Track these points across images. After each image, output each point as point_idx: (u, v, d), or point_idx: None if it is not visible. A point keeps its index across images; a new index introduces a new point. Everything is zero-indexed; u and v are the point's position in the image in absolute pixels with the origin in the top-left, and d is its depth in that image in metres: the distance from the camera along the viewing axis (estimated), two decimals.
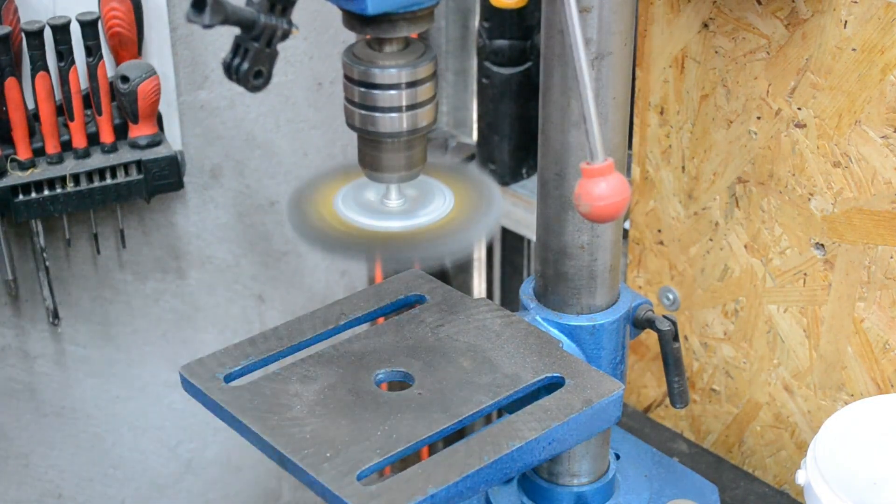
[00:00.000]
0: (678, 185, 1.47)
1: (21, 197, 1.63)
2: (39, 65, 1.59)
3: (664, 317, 1.18)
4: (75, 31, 1.60)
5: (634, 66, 1.31)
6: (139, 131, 1.68)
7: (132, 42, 1.66)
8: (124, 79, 1.63)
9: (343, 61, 0.95)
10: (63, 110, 1.64)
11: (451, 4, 1.94)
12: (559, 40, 1.04)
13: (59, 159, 1.65)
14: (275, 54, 0.87)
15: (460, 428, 1.02)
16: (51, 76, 1.61)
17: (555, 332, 1.14)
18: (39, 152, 1.64)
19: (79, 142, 1.66)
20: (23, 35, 1.58)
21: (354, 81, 0.94)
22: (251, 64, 0.86)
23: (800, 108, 1.31)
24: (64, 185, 1.65)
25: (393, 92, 0.93)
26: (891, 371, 1.33)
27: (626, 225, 1.54)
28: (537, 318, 1.15)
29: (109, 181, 1.68)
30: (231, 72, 0.87)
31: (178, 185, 1.73)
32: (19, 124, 1.60)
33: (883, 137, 1.24)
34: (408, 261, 1.22)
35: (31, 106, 1.63)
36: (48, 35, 1.58)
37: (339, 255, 0.99)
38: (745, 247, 1.42)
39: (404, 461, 1.01)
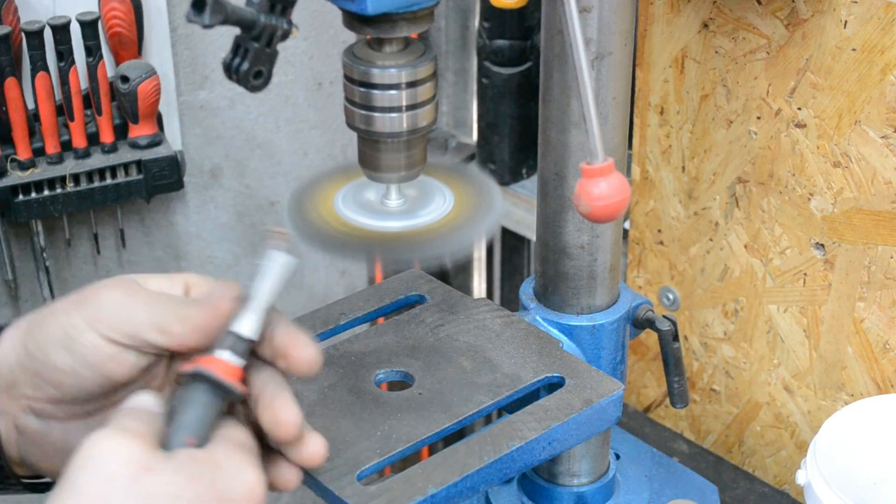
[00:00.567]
0: (678, 185, 1.47)
1: (21, 197, 1.63)
2: (39, 65, 1.59)
3: (664, 317, 1.18)
4: (75, 31, 1.60)
5: (634, 66, 1.31)
6: (139, 131, 1.69)
7: (132, 42, 1.66)
8: (124, 79, 1.63)
9: (343, 61, 0.94)
10: (63, 110, 1.64)
11: (451, 4, 1.94)
12: (559, 40, 1.04)
13: (59, 159, 1.65)
14: (275, 54, 0.87)
15: (460, 428, 1.02)
16: (51, 76, 1.61)
17: (555, 332, 1.14)
18: (39, 152, 1.64)
19: (79, 142, 1.66)
20: (23, 35, 1.58)
21: (354, 81, 0.94)
22: (251, 64, 0.86)
23: (800, 108, 1.31)
24: (64, 185, 1.65)
25: (393, 92, 0.93)
26: (891, 371, 1.33)
27: (626, 225, 1.54)
28: (537, 318, 1.15)
29: (109, 181, 1.68)
30: (231, 72, 0.87)
31: (178, 185, 1.73)
32: (19, 124, 1.61)
33: (883, 137, 1.24)
34: (408, 261, 1.22)
35: (31, 106, 1.63)
36: (48, 35, 1.58)
37: (339, 255, 0.98)
38: (745, 247, 1.42)
39: (404, 461, 1.01)
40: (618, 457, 1.29)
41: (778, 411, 1.46)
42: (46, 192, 1.64)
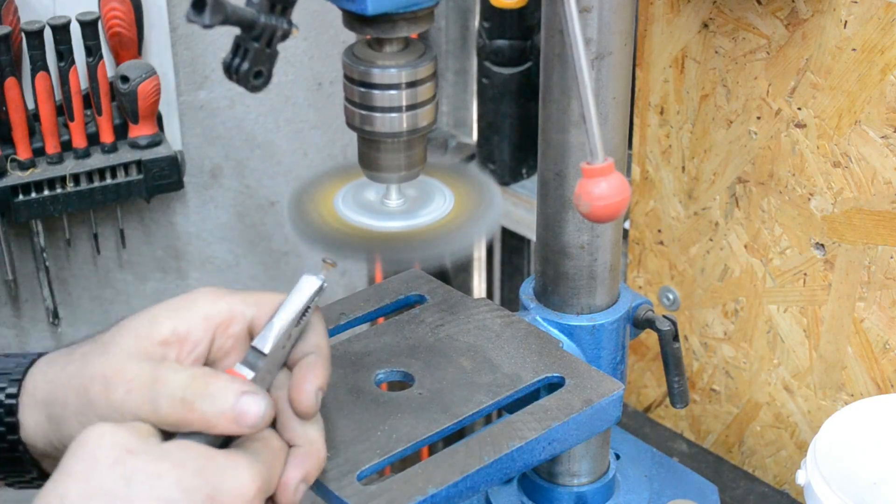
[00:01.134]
0: (678, 185, 1.47)
1: (21, 197, 1.63)
2: (39, 65, 1.59)
3: (664, 317, 1.18)
4: (75, 31, 1.60)
5: (634, 66, 1.31)
6: (139, 131, 1.69)
7: (132, 42, 1.66)
8: (124, 79, 1.63)
9: (343, 61, 0.94)
10: (63, 110, 1.64)
11: (451, 4, 1.94)
12: (559, 40, 1.04)
13: (59, 159, 1.65)
14: (275, 54, 0.87)
15: (460, 428, 1.02)
16: (51, 76, 1.61)
17: (555, 332, 1.14)
18: (39, 152, 1.64)
19: (79, 142, 1.66)
20: (23, 35, 1.58)
21: (354, 81, 0.94)
22: (251, 64, 0.86)
23: (800, 108, 1.31)
24: (64, 185, 1.65)
25: (393, 92, 0.93)
26: (891, 371, 1.33)
27: (626, 225, 1.54)
28: (537, 318, 1.15)
29: (109, 181, 1.68)
30: (231, 72, 0.87)
31: (178, 185, 1.73)
32: (19, 124, 1.61)
33: (883, 137, 1.24)
34: (408, 261, 1.22)
35: (31, 106, 1.63)
36: (48, 35, 1.58)
37: (339, 255, 0.98)
38: (745, 247, 1.42)
39: (404, 461, 1.01)
40: (618, 457, 1.29)
41: (778, 411, 1.46)
42: (46, 192, 1.64)
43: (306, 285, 0.90)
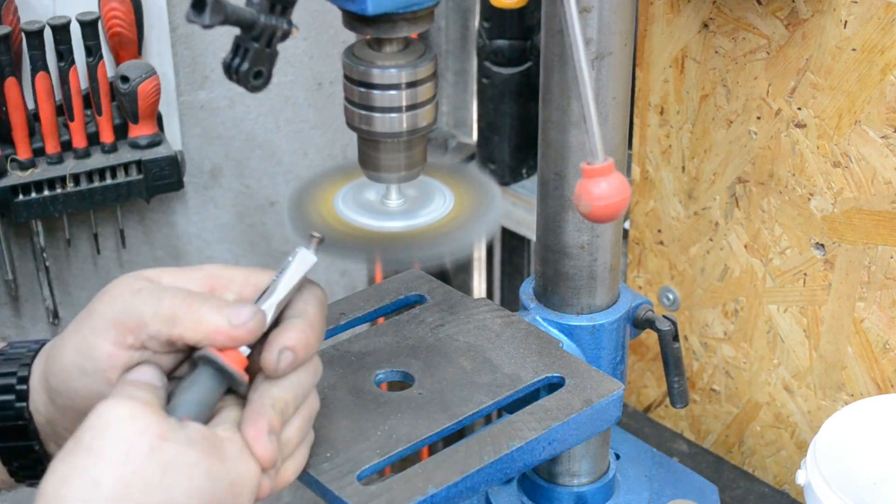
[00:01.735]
0: (678, 185, 1.47)
1: (21, 197, 1.63)
2: (39, 65, 1.59)
3: (664, 317, 1.18)
4: (75, 31, 1.60)
5: (634, 66, 1.31)
6: (139, 131, 1.68)
7: (132, 42, 1.66)
8: (124, 79, 1.63)
9: (343, 61, 0.94)
10: (63, 110, 1.64)
11: (451, 4, 1.94)
12: (559, 40, 1.04)
13: (59, 159, 1.65)
14: (275, 54, 0.87)
15: (460, 428, 1.02)
16: (51, 76, 1.61)
17: (555, 332, 1.14)
18: (39, 152, 1.64)
19: (79, 142, 1.66)
20: (23, 35, 1.58)
21: (354, 81, 0.94)
22: (251, 64, 0.86)
23: (800, 108, 1.31)
24: (64, 185, 1.65)
25: (393, 92, 0.93)
26: (891, 371, 1.33)
27: (626, 225, 1.54)
28: (537, 318, 1.15)
29: (109, 181, 1.68)
30: (231, 72, 0.87)
31: (178, 185, 1.73)
32: (19, 124, 1.61)
33: (883, 137, 1.24)
34: (408, 261, 1.22)
35: (31, 106, 1.63)
36: (48, 35, 1.58)
37: (339, 255, 0.99)
38: (745, 247, 1.42)
39: (404, 461, 1.01)
40: (618, 457, 1.29)
41: (778, 411, 1.46)
42: (46, 192, 1.64)
43: (299, 260, 0.90)
